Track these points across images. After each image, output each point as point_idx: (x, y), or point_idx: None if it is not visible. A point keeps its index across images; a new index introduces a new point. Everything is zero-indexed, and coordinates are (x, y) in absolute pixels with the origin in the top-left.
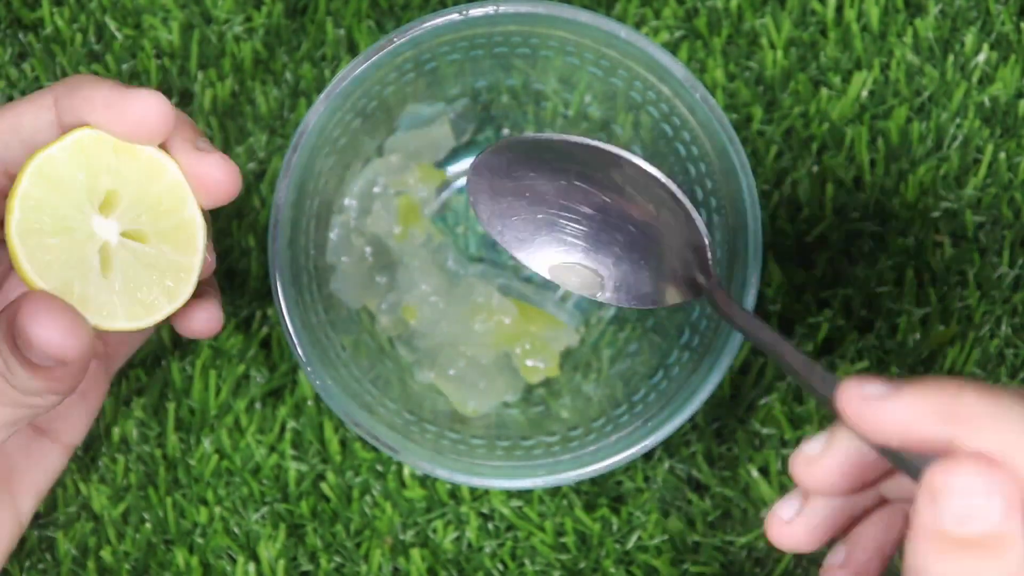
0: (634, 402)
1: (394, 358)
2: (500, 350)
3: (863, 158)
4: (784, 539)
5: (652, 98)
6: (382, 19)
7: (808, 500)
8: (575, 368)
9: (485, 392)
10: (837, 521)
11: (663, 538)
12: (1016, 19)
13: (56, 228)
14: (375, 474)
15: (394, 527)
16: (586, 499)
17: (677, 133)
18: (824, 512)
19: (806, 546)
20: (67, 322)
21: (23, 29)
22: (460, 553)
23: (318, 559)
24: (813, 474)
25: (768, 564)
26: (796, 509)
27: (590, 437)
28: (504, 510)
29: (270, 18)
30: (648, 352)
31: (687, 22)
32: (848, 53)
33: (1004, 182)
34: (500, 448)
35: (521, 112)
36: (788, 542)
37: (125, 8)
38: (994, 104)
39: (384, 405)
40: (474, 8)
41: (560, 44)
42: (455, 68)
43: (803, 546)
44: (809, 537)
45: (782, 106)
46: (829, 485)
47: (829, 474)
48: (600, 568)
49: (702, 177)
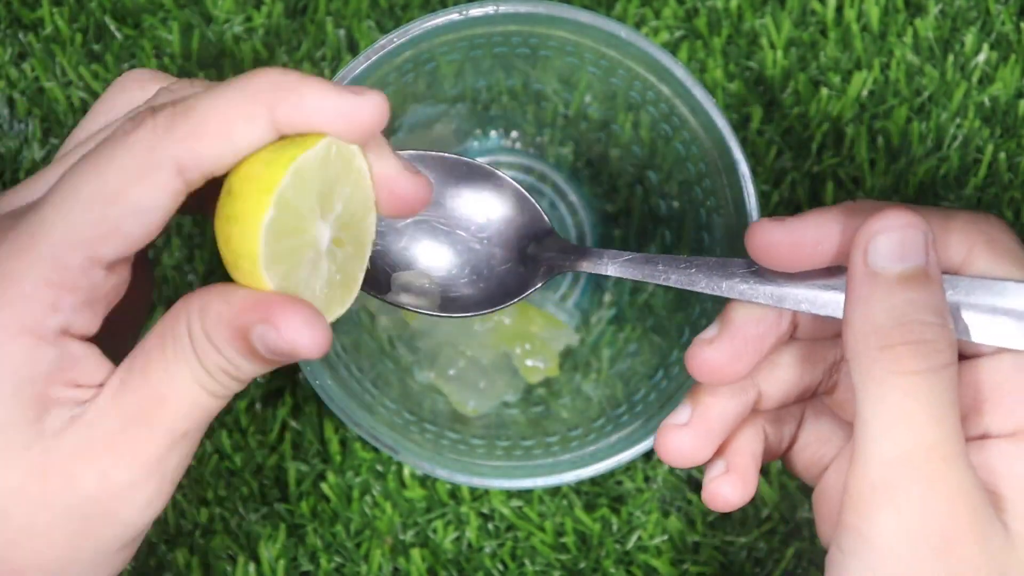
0: (634, 402)
1: (394, 358)
2: (500, 350)
3: (863, 158)
4: (676, 447)
5: (652, 98)
6: (382, 19)
7: (698, 404)
8: (575, 368)
9: (485, 392)
10: (724, 428)
11: (663, 538)
12: (1016, 19)
13: (292, 229)
14: (375, 474)
15: (394, 527)
16: (586, 499)
17: (677, 133)
18: (713, 416)
19: (695, 455)
20: (320, 327)
21: (23, 29)
22: (460, 553)
23: (318, 559)
24: (711, 357)
25: (768, 564)
26: (689, 413)
27: (590, 437)
28: (504, 510)
29: (270, 18)
30: (648, 352)
31: (687, 22)
32: (848, 53)
33: (1004, 182)
34: (500, 448)
35: (521, 112)
36: (680, 450)
37: (125, 8)
38: (994, 104)
39: (384, 405)
40: (474, 8)
41: (560, 44)
42: (455, 68)
43: (694, 454)
44: (700, 443)
45: (782, 106)
46: (724, 366)
47: (725, 355)
48: (600, 568)
49: (701, 177)
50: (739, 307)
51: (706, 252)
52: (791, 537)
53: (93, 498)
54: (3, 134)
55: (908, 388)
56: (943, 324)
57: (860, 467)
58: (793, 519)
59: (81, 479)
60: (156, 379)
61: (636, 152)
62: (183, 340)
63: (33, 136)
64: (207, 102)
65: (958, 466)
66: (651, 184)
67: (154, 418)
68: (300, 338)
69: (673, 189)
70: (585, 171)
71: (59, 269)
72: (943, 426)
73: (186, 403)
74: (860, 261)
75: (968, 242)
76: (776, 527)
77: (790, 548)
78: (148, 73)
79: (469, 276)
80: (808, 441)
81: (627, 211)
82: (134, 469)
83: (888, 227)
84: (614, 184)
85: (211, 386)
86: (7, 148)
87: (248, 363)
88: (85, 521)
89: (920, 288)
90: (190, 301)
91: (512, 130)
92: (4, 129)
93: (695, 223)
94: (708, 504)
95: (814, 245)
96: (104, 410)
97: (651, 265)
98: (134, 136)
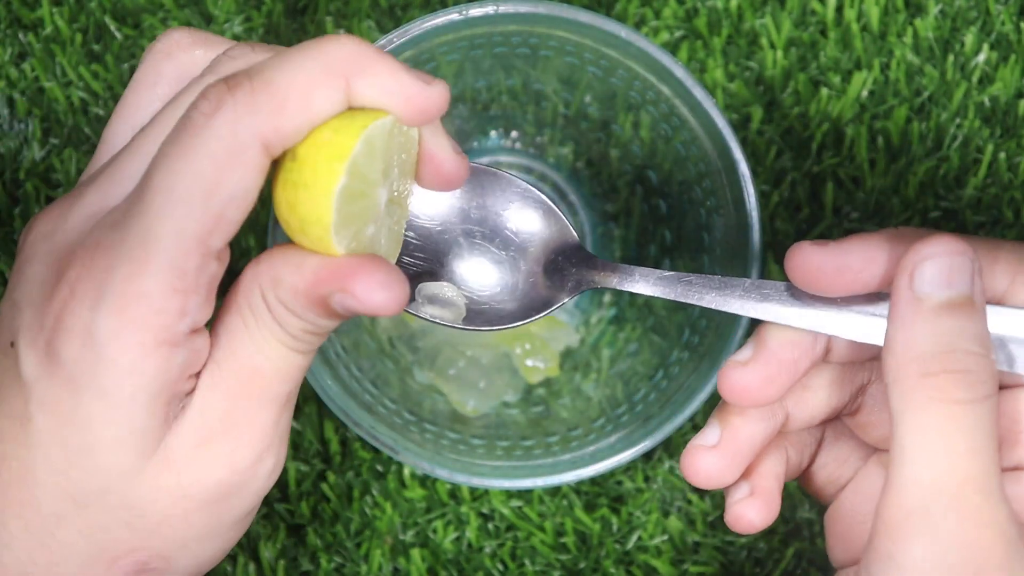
0: (634, 402)
1: (394, 358)
2: (500, 350)
3: (863, 158)
4: (704, 469)
5: (652, 98)
6: (382, 19)
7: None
8: (575, 368)
9: (485, 392)
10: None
11: (663, 538)
12: (1016, 19)
13: (360, 194)
14: (375, 474)
15: (394, 527)
16: (586, 499)
17: (676, 133)
18: (741, 439)
19: (723, 477)
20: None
21: (23, 29)
22: (460, 553)
23: (318, 559)
24: (745, 380)
25: (768, 564)
26: (718, 435)
27: (590, 437)
28: (504, 510)
29: (270, 18)
30: (648, 352)
31: (687, 22)
32: (848, 53)
33: (1004, 182)
34: (500, 448)
35: (521, 112)
36: (708, 472)
37: (125, 8)
38: (994, 104)
39: (384, 405)
40: (474, 8)
41: (560, 44)
42: (455, 68)
43: (721, 477)
44: (728, 465)
45: (782, 106)
46: (757, 390)
47: (758, 378)
48: (600, 568)
49: (701, 177)
50: (774, 330)
51: (706, 252)
52: (791, 537)
53: (226, 481)
54: (3, 134)
55: (948, 417)
56: (986, 354)
57: (895, 493)
58: (793, 519)
59: (211, 467)
60: (245, 354)
61: (636, 152)
62: (262, 312)
63: (33, 136)
64: (285, 74)
65: (994, 499)
66: (651, 184)
67: (257, 390)
68: (379, 300)
69: (673, 189)
70: (585, 171)
71: (181, 275)
72: (981, 458)
73: (281, 368)
74: (905, 286)
75: (1012, 272)
76: (776, 527)
77: (790, 548)
78: (188, 35)
79: (495, 289)
80: (826, 461)
81: (627, 211)
82: (255, 444)
83: (936, 253)
84: (614, 184)
85: (297, 345)
86: (7, 148)
87: (329, 320)
88: (221, 502)
89: (965, 316)
90: (259, 273)
91: (512, 130)
92: (4, 129)
93: (695, 223)
94: (731, 526)
95: (857, 272)
96: (208, 396)
97: (684, 284)
98: (217, 118)
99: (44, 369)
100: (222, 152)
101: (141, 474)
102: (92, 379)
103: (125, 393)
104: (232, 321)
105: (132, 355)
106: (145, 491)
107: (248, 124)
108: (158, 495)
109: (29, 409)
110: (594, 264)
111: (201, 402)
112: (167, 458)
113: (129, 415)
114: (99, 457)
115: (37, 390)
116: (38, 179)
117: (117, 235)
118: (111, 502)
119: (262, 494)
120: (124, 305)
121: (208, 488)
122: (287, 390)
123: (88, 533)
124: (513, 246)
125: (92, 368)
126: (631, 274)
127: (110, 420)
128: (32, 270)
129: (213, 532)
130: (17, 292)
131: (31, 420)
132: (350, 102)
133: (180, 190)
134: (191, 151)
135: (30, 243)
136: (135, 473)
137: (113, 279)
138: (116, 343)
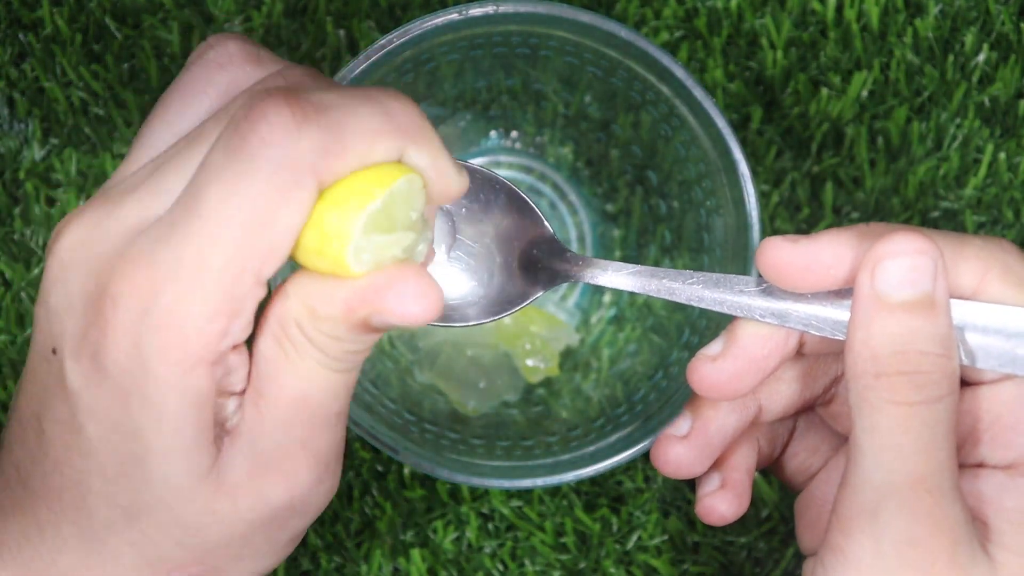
0: (634, 402)
1: (394, 358)
2: (500, 350)
3: (863, 158)
4: (674, 459)
5: (652, 98)
6: (382, 19)
7: (698, 416)
8: (575, 368)
9: (485, 392)
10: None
11: (663, 538)
12: (1016, 19)
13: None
14: (375, 474)
15: (394, 527)
16: (586, 499)
17: (676, 133)
18: (712, 430)
19: (693, 467)
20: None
21: (23, 29)
22: (460, 553)
23: (318, 559)
24: (714, 374)
25: (767, 564)
26: (689, 425)
27: (590, 437)
28: (504, 510)
29: (270, 18)
30: (648, 352)
31: (687, 22)
32: (848, 53)
33: (1004, 182)
34: (500, 448)
35: (521, 112)
36: (678, 462)
37: (125, 8)
38: (994, 104)
39: (384, 405)
40: (474, 8)
41: (560, 44)
42: (455, 68)
43: (691, 467)
44: (698, 456)
45: (782, 106)
46: (727, 384)
47: (728, 373)
48: (600, 568)
49: (701, 177)
50: (746, 325)
51: (706, 252)
52: (791, 537)
53: (287, 506)
54: (3, 134)
55: (900, 418)
56: (944, 355)
57: (849, 490)
58: (793, 519)
59: (269, 493)
60: (291, 385)
61: (636, 152)
62: (301, 343)
63: (33, 136)
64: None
65: (945, 499)
66: (651, 184)
67: (308, 416)
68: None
69: (673, 189)
70: (585, 171)
71: (229, 300)
72: (933, 458)
73: (328, 391)
74: (866, 284)
75: (982, 268)
76: (776, 527)
77: (790, 548)
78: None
79: (469, 283)
80: (797, 450)
81: (627, 211)
82: (313, 468)
83: (897, 252)
84: (614, 184)
85: (341, 366)
86: (7, 148)
87: (371, 335)
88: (280, 523)
89: (924, 317)
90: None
91: (512, 130)
92: (4, 129)
93: (695, 223)
94: (702, 518)
95: (827, 267)
96: (258, 426)
97: (656, 279)
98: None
99: (91, 378)
100: (280, 184)
101: (193, 494)
102: (139, 390)
103: (171, 406)
104: (271, 350)
105: (176, 371)
106: (199, 513)
107: (310, 160)
108: (213, 519)
109: (78, 419)
110: (566, 257)
111: (251, 432)
112: (221, 484)
113: (176, 427)
114: (149, 468)
115: (85, 399)
116: (38, 179)
117: (165, 253)
118: (163, 519)
119: (320, 511)
120: (170, 324)
121: (267, 512)
122: (337, 410)
123: (139, 545)
124: (487, 239)
125: (139, 380)
126: (604, 268)
127: (158, 431)
128: (70, 277)
129: (270, 550)
130: (54, 298)
131: (82, 429)
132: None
133: (235, 218)
134: (247, 176)
135: (66, 248)
136: (187, 491)
137: (161, 298)
138: (160, 358)
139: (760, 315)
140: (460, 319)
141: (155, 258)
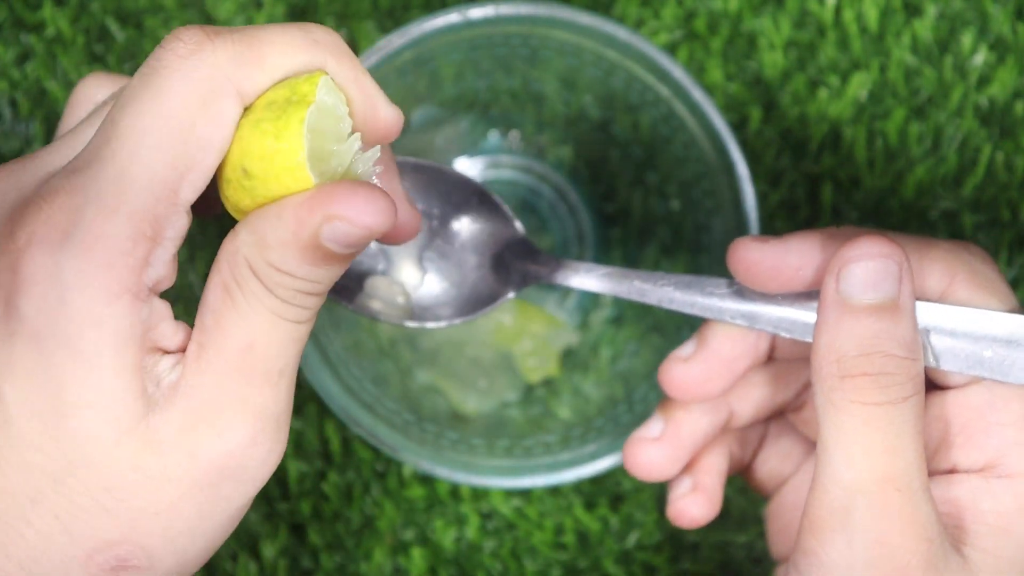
0: (634, 402)
1: (394, 358)
2: (500, 350)
3: (861, 159)
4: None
5: (651, 99)
6: (382, 20)
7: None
8: (575, 368)
9: (485, 392)
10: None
11: (662, 537)
12: (1013, 20)
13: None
14: (375, 473)
15: (394, 526)
16: (586, 498)
17: (676, 134)
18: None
19: (664, 470)
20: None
21: (25, 30)
22: (460, 552)
23: (319, 558)
24: (685, 375)
25: (766, 563)
26: (661, 428)
27: (590, 436)
28: (504, 509)
29: (271, 19)
30: (648, 352)
31: (686, 23)
32: (846, 54)
33: (1002, 182)
34: (500, 448)
35: (521, 112)
36: (649, 465)
37: (127, 9)
38: (992, 105)
39: (384, 405)
40: (474, 9)
41: (560, 45)
42: (455, 69)
43: (662, 470)
44: (670, 459)
45: (780, 107)
46: (697, 385)
47: (698, 374)
48: (599, 567)
49: (700, 178)
50: (716, 327)
51: (705, 253)
52: None
53: (217, 465)
54: (5, 135)
55: (866, 419)
56: (908, 357)
57: (818, 492)
58: None
59: (201, 449)
60: (235, 331)
61: (636, 153)
62: (250, 281)
63: (35, 137)
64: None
65: (915, 498)
66: (651, 185)
67: (248, 367)
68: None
69: (673, 190)
70: (585, 171)
71: (151, 221)
72: (900, 458)
73: (274, 342)
74: (832, 287)
75: (950, 272)
76: None
77: None
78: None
79: (441, 284)
80: (768, 456)
81: (627, 211)
82: (248, 425)
83: (862, 255)
84: (614, 184)
85: (292, 313)
86: (9, 149)
87: (325, 270)
88: (213, 489)
89: (888, 319)
90: (238, 241)
91: (512, 130)
92: (6, 130)
93: (694, 224)
94: (673, 521)
95: (796, 269)
96: (196, 379)
97: (627, 281)
98: (193, 60)
99: (4, 328)
100: (198, 95)
101: (118, 449)
102: (56, 330)
103: (91, 346)
104: (217, 299)
105: (97, 302)
106: (125, 470)
107: (228, 71)
108: (140, 477)
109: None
110: (537, 258)
111: (188, 386)
112: (150, 439)
113: (98, 372)
114: (72, 421)
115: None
116: None
117: (82, 178)
118: (89, 480)
119: (257, 485)
120: (92, 245)
121: (196, 472)
122: (281, 366)
123: (65, 518)
124: (458, 240)
125: (55, 319)
126: (576, 269)
127: (76, 375)
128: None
129: (201, 525)
130: None
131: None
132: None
133: (153, 132)
134: (165, 92)
135: None
136: (112, 445)
137: (81, 219)
138: (81, 287)
139: (731, 317)
140: (432, 319)
141: (72, 186)
